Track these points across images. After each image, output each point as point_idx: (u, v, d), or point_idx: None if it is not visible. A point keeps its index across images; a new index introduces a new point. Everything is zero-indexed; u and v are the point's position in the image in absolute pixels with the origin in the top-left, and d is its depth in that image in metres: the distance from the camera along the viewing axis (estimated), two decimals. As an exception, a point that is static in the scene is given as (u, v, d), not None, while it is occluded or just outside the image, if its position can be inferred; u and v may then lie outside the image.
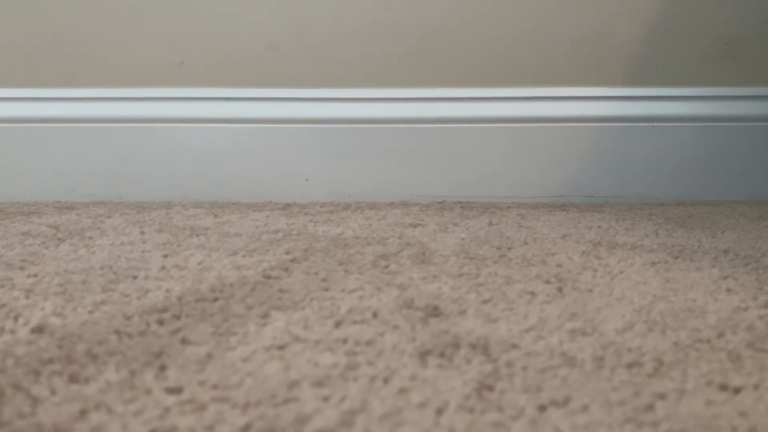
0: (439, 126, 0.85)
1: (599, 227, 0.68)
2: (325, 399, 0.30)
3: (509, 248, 0.58)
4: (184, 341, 0.36)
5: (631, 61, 0.85)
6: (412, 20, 0.83)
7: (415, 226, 0.68)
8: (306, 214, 0.75)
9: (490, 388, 0.31)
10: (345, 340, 0.37)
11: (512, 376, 0.33)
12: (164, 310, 0.41)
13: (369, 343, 0.36)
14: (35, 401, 0.29)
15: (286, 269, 0.51)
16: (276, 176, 0.85)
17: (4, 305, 0.42)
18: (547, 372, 0.33)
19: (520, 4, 0.84)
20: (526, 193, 0.86)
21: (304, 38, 0.84)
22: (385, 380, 0.32)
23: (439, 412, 0.29)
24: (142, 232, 0.64)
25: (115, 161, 0.85)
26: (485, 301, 0.44)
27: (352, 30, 0.84)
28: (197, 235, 0.63)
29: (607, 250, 0.58)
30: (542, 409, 0.29)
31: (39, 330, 0.38)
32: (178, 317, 0.40)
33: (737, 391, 0.31)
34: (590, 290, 0.47)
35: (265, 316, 0.40)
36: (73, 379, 0.31)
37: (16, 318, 0.40)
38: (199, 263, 0.52)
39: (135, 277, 0.48)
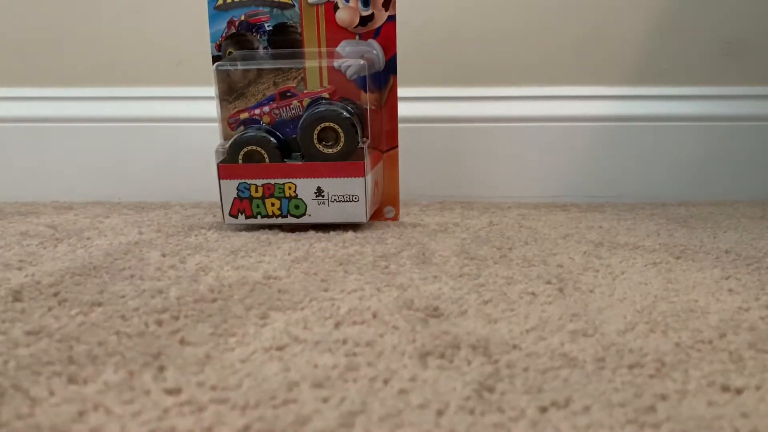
0: (439, 125, 0.85)
1: (600, 227, 0.68)
2: (325, 400, 0.30)
3: (510, 248, 0.58)
4: (183, 342, 0.36)
5: (633, 60, 0.85)
6: (411, 19, 0.83)
7: (416, 226, 0.67)
8: (306, 214, 0.75)
9: (491, 390, 0.31)
10: (345, 341, 0.36)
11: (513, 377, 0.32)
12: (163, 310, 0.41)
13: (369, 344, 0.36)
14: (34, 402, 0.29)
15: (286, 269, 0.50)
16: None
17: (2, 306, 0.42)
18: (548, 373, 0.33)
19: (519, 2, 0.84)
20: (526, 192, 0.86)
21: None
22: (385, 381, 0.32)
23: (440, 413, 0.29)
24: (141, 233, 0.64)
25: (113, 161, 0.85)
26: (486, 302, 0.43)
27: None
28: (196, 235, 0.63)
29: (609, 251, 0.58)
30: (543, 410, 0.29)
31: (38, 331, 0.37)
32: (176, 318, 0.40)
33: (739, 392, 0.31)
34: (591, 291, 0.46)
35: (264, 316, 0.40)
36: (71, 380, 0.31)
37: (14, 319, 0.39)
38: (198, 263, 0.52)
39: (133, 277, 0.48)
